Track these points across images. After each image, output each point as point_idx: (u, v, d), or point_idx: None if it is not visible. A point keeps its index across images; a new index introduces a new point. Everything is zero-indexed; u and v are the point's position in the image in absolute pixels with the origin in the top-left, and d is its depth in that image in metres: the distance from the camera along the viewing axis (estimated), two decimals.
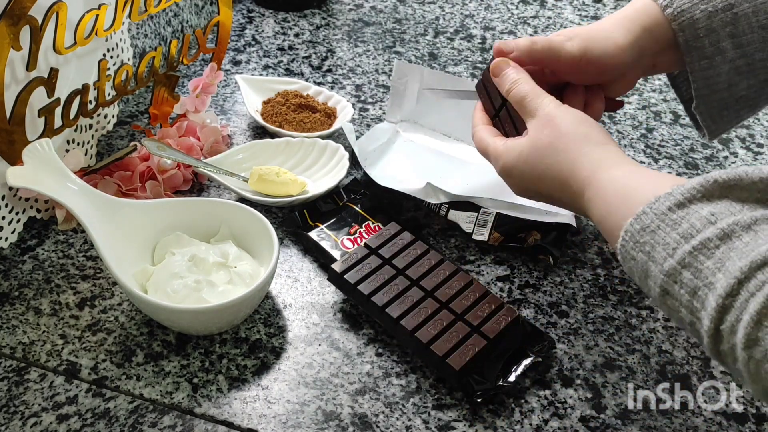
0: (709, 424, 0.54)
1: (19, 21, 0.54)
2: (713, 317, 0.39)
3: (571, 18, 1.07)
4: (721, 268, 0.39)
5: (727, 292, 0.38)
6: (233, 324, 0.58)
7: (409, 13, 1.05)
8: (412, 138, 0.79)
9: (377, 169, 0.74)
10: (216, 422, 0.52)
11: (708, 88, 0.59)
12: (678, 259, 0.41)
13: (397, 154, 0.77)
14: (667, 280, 0.41)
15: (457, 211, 0.68)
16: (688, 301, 0.40)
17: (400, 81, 0.79)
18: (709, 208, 0.41)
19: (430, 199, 0.67)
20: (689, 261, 0.40)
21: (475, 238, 0.67)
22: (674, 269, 0.41)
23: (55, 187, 0.58)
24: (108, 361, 0.55)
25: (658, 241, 0.42)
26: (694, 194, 0.42)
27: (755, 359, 0.37)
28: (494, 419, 0.53)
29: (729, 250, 0.39)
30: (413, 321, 0.55)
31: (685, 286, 0.40)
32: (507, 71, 0.58)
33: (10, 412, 0.51)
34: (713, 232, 0.40)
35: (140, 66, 0.70)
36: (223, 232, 0.62)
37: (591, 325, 0.61)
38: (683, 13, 0.56)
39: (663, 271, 0.41)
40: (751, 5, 0.55)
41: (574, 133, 0.53)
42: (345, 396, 0.54)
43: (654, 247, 0.42)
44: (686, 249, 0.40)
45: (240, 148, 0.73)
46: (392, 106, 0.80)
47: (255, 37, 0.97)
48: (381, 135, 0.78)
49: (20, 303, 0.59)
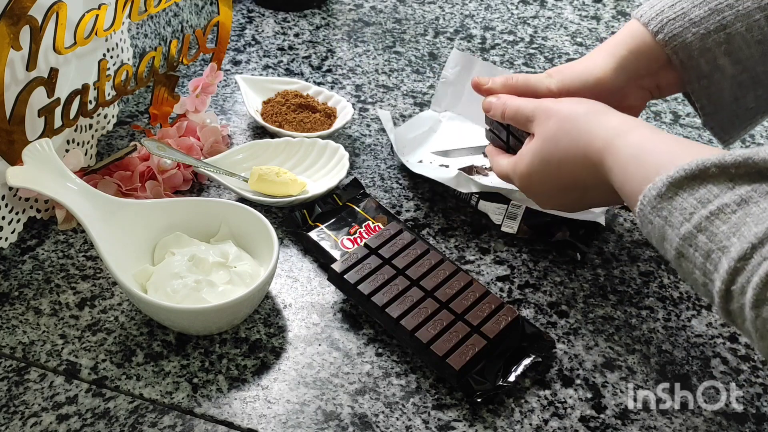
0: (709, 424, 0.54)
1: (19, 21, 0.54)
2: (725, 279, 0.40)
3: (571, 18, 1.07)
4: (735, 233, 0.40)
5: (740, 256, 0.39)
6: (233, 324, 0.58)
7: (409, 13, 1.05)
8: (454, 127, 0.80)
9: (414, 157, 0.75)
10: (216, 422, 0.52)
11: (712, 105, 0.59)
12: (694, 223, 0.42)
13: (436, 143, 0.78)
14: (683, 244, 0.42)
15: (487, 202, 0.68)
16: (701, 263, 0.41)
17: (452, 70, 0.80)
18: (726, 177, 0.42)
19: (462, 188, 0.68)
20: (705, 225, 0.41)
21: (503, 230, 0.67)
22: (690, 233, 0.42)
23: (55, 187, 0.58)
24: (108, 361, 0.55)
25: (675, 206, 0.43)
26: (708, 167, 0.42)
27: (762, 317, 0.38)
28: (494, 419, 0.53)
29: (745, 215, 0.40)
30: (413, 321, 0.55)
31: (700, 249, 0.41)
32: (493, 101, 0.62)
33: (10, 412, 0.51)
34: (731, 198, 0.41)
35: (140, 66, 0.70)
36: (223, 232, 0.62)
37: (591, 325, 0.61)
38: (675, 38, 0.56)
39: (679, 235, 0.43)
40: (743, 24, 0.55)
41: (577, 111, 0.54)
42: (345, 396, 0.54)
43: (671, 212, 0.43)
44: (703, 214, 0.41)
45: (240, 148, 0.73)
46: (439, 94, 0.81)
47: (255, 37, 0.97)
48: (422, 124, 0.79)
49: (20, 303, 0.59)
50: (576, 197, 0.57)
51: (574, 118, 0.54)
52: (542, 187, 0.58)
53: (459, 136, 0.79)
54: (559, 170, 0.55)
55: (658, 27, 0.57)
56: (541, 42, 1.01)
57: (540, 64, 0.96)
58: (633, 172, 0.48)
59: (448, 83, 0.80)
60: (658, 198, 0.44)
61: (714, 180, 0.42)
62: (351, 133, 0.81)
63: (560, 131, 0.54)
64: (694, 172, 0.42)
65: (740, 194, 0.41)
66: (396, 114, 0.84)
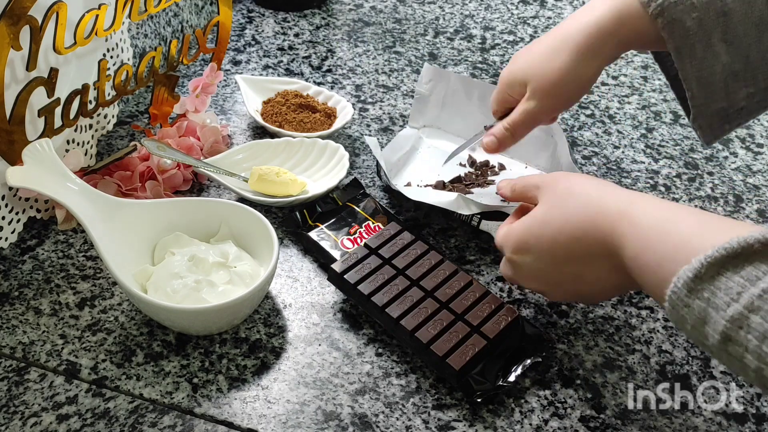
0: (709, 424, 0.54)
1: (19, 21, 0.54)
2: None
3: None
4: None
5: None
6: (233, 324, 0.58)
7: (409, 13, 1.05)
8: (436, 144, 0.79)
9: (403, 179, 0.73)
10: (216, 422, 0.52)
11: (702, 93, 0.56)
12: (744, 303, 0.38)
13: (422, 163, 0.76)
14: (731, 327, 0.39)
15: (489, 221, 0.67)
16: (756, 346, 0.38)
17: (426, 85, 0.78)
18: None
19: (462, 210, 0.66)
20: (758, 305, 0.38)
21: None
22: (740, 314, 0.38)
23: (55, 187, 0.58)
24: (108, 361, 0.55)
25: (718, 287, 0.39)
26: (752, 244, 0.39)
27: None
28: (494, 419, 0.53)
29: None
30: (413, 321, 0.55)
31: (753, 330, 0.38)
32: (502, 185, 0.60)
33: (10, 412, 0.51)
34: None
35: (140, 66, 0.70)
36: (223, 232, 0.62)
37: (591, 325, 0.61)
38: (674, 22, 0.54)
39: (726, 317, 0.39)
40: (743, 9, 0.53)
41: (589, 179, 0.53)
42: (345, 396, 0.54)
43: (714, 293, 0.39)
44: (754, 293, 0.38)
45: (240, 148, 0.73)
46: (415, 111, 0.79)
47: (255, 37, 0.97)
48: (404, 143, 0.77)
49: (20, 303, 0.59)
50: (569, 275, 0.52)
51: (588, 183, 0.52)
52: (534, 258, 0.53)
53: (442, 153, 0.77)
54: (559, 234, 0.51)
55: (657, 10, 0.54)
56: None
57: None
58: (655, 243, 0.44)
59: (423, 98, 0.79)
60: (696, 279, 0.40)
61: (759, 257, 0.39)
62: (351, 133, 0.81)
63: (569, 195, 0.51)
64: (737, 251, 0.39)
65: None
66: (396, 114, 0.84)
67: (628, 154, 0.81)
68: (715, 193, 0.77)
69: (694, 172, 0.80)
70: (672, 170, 0.80)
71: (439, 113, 0.80)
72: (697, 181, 0.78)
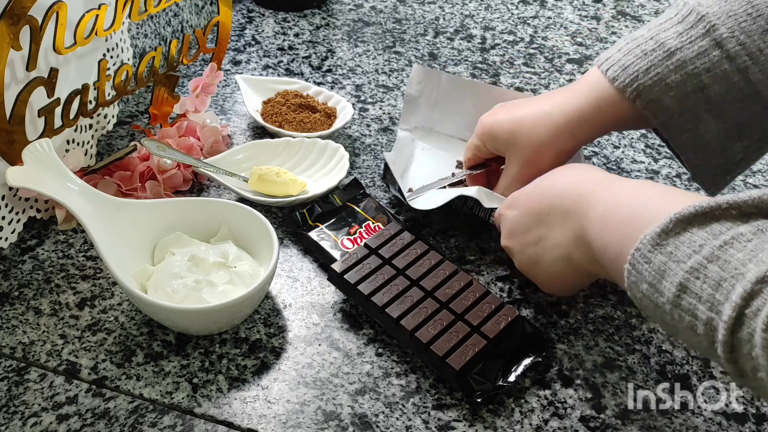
0: (709, 424, 0.54)
1: (19, 21, 0.54)
2: (737, 304, 0.37)
3: (571, 18, 1.07)
4: (753, 259, 0.37)
5: (758, 278, 0.36)
6: (233, 324, 0.58)
7: (409, 13, 1.05)
8: (430, 145, 0.78)
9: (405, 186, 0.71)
10: (216, 422, 0.52)
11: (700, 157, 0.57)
12: (705, 254, 0.39)
13: (421, 165, 0.76)
14: (689, 277, 0.39)
15: None
16: (710, 294, 0.38)
17: (416, 87, 0.78)
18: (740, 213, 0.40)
19: (484, 202, 0.64)
20: (717, 254, 0.38)
21: None
22: (699, 264, 0.39)
23: (55, 187, 0.58)
24: (108, 361, 0.55)
25: (683, 240, 0.40)
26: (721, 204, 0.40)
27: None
28: (494, 419, 0.53)
29: (763, 243, 0.37)
30: (413, 321, 0.55)
31: (709, 280, 0.38)
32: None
33: (10, 412, 0.51)
34: (746, 228, 0.39)
35: (140, 66, 0.70)
36: (223, 232, 0.62)
37: (591, 325, 0.61)
38: (653, 102, 0.55)
39: (685, 268, 0.40)
40: (722, 86, 0.54)
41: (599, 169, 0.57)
42: (345, 396, 0.54)
43: (678, 246, 0.40)
44: (715, 244, 0.39)
45: (240, 148, 0.73)
46: (405, 112, 0.78)
47: (255, 37, 0.97)
48: (402, 146, 0.76)
49: (20, 303, 0.59)
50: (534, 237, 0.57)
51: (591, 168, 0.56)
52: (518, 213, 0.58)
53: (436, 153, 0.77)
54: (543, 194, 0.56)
55: (634, 93, 0.56)
56: (541, 42, 1.01)
57: (540, 64, 0.96)
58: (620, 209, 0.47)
59: (413, 100, 0.78)
60: (662, 234, 0.41)
61: (727, 216, 0.40)
62: (351, 133, 0.81)
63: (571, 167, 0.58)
64: (705, 210, 0.40)
65: (756, 225, 0.38)
66: (396, 114, 0.84)
67: (628, 154, 0.81)
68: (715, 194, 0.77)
69: None
70: (672, 170, 0.79)
71: (430, 114, 0.79)
72: None
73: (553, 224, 0.54)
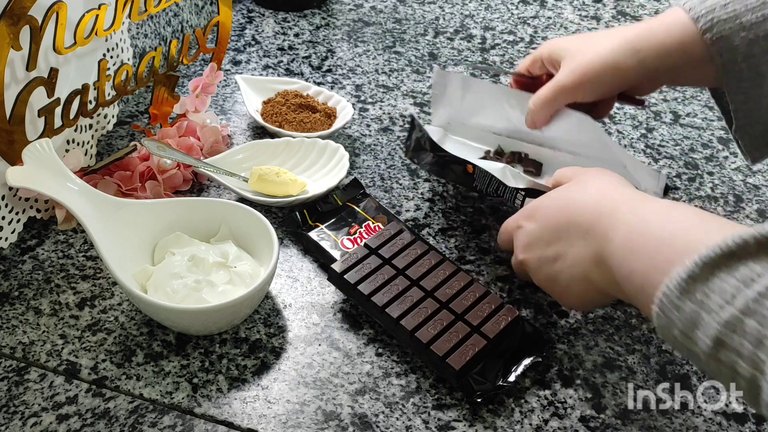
0: (709, 424, 0.54)
1: (19, 21, 0.54)
2: None
3: (571, 18, 1.07)
4: None
5: None
6: (233, 324, 0.58)
7: (409, 13, 1.05)
8: (462, 140, 0.77)
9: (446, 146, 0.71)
10: (216, 422, 0.52)
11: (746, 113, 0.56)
12: (740, 306, 0.36)
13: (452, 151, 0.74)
14: (725, 331, 0.37)
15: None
16: (751, 352, 0.36)
17: (438, 88, 0.76)
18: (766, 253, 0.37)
19: (508, 181, 0.63)
20: (754, 308, 0.36)
21: None
22: (735, 318, 0.36)
23: (55, 187, 0.58)
24: (108, 361, 0.55)
25: (712, 288, 0.38)
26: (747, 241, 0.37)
27: None
28: (494, 419, 0.53)
29: None
30: (413, 321, 0.55)
31: (748, 335, 0.36)
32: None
33: (10, 412, 0.51)
34: None
35: (140, 66, 0.70)
36: (223, 232, 0.62)
37: (591, 325, 0.61)
38: (723, 39, 0.54)
39: (720, 321, 0.37)
40: None
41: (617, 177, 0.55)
42: (345, 396, 0.54)
43: (708, 295, 0.38)
44: (749, 295, 0.36)
45: (240, 148, 0.73)
46: (435, 112, 0.78)
47: (255, 37, 0.97)
48: (434, 134, 0.75)
49: (20, 303, 0.59)
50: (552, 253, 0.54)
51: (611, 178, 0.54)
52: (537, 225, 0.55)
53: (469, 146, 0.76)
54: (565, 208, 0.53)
55: (707, 25, 0.55)
56: (541, 42, 1.00)
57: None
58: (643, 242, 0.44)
59: (438, 101, 0.77)
60: (690, 281, 0.38)
61: (752, 257, 0.37)
62: (351, 133, 0.81)
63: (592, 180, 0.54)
64: (731, 250, 0.37)
65: None
66: (396, 114, 0.84)
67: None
68: (715, 193, 0.77)
69: (694, 172, 0.80)
70: (672, 170, 0.79)
71: (460, 110, 0.77)
72: (697, 181, 0.78)
73: (573, 242, 0.52)
